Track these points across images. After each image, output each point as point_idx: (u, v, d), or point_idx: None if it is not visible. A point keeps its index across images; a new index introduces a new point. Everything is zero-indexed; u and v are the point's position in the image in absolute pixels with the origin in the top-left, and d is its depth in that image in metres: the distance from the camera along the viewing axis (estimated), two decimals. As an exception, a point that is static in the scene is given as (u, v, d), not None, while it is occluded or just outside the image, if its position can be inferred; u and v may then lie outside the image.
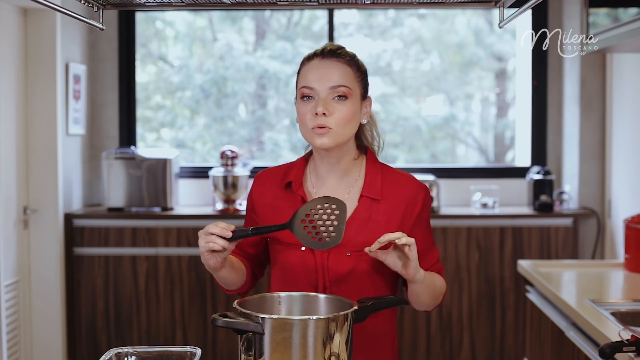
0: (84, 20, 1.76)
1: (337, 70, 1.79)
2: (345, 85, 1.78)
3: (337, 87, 1.77)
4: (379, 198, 1.83)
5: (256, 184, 1.95)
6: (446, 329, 4.13)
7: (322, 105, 1.76)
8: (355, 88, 1.80)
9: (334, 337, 1.54)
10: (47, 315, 4.02)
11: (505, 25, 1.79)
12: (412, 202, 1.84)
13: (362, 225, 1.81)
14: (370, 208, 1.82)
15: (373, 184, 1.84)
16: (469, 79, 5.35)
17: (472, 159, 5.57)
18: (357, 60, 1.85)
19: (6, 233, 3.71)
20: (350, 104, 1.78)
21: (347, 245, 1.78)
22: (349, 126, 1.79)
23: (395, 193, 1.84)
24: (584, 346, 2.32)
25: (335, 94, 1.77)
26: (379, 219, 1.82)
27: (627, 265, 3.05)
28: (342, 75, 1.79)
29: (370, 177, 1.86)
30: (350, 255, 1.79)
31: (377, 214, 1.82)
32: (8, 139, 3.76)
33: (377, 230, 1.79)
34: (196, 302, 4.13)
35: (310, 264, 1.81)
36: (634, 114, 3.73)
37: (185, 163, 4.76)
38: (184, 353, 1.63)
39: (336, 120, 1.76)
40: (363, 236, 1.79)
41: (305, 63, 1.84)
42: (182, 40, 5.23)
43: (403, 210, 1.83)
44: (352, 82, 1.80)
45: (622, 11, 2.72)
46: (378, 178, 1.86)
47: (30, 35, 3.97)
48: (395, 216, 1.82)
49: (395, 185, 1.86)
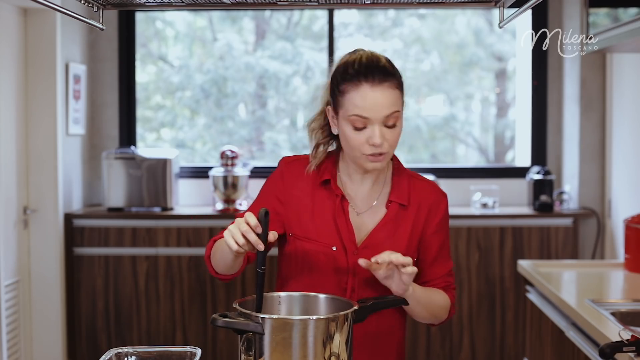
0: (84, 20, 1.76)
1: (389, 97, 1.73)
2: (397, 111, 1.74)
3: (391, 115, 1.73)
4: (406, 204, 1.84)
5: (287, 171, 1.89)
6: (446, 329, 4.13)
7: (379, 136, 1.72)
8: (401, 107, 1.77)
9: (334, 337, 1.54)
10: (47, 315, 4.02)
11: (505, 25, 1.79)
12: (434, 210, 1.86)
13: (392, 231, 1.82)
14: (398, 213, 1.84)
15: (400, 189, 1.85)
16: (469, 79, 5.35)
17: (472, 159, 5.57)
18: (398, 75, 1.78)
19: (6, 233, 3.71)
20: (399, 125, 1.77)
21: (377, 250, 1.76)
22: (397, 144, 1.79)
23: (419, 199, 1.86)
24: (584, 346, 2.32)
25: (388, 121, 1.73)
26: (406, 225, 1.83)
27: (627, 265, 3.05)
28: (394, 102, 1.73)
29: (397, 183, 1.86)
30: None
31: (404, 220, 1.84)
32: (8, 139, 3.76)
33: (404, 236, 1.82)
34: (196, 302, 4.13)
35: (342, 266, 1.81)
36: (634, 114, 3.73)
37: (185, 163, 4.76)
38: (184, 353, 1.63)
39: (390, 145, 1.75)
40: (392, 242, 1.81)
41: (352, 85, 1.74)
42: (182, 40, 5.23)
43: (425, 217, 1.85)
44: (400, 103, 1.76)
45: (622, 11, 2.71)
46: (405, 183, 1.86)
47: (30, 35, 3.97)
48: (419, 222, 1.85)
49: (420, 191, 1.87)
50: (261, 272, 1.58)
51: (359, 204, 1.85)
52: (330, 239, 1.81)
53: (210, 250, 1.83)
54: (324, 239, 1.81)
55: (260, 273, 1.58)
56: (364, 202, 1.86)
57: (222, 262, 1.77)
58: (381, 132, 1.73)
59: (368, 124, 1.73)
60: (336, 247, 1.81)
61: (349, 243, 1.81)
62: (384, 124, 1.73)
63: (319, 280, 1.82)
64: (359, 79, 1.72)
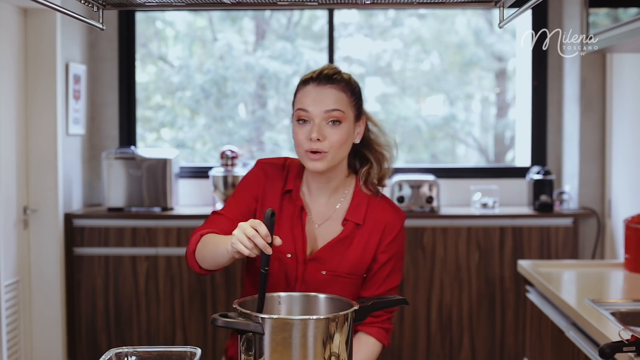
0: (84, 20, 1.76)
1: (331, 95, 1.86)
2: (339, 110, 1.85)
3: (331, 112, 1.85)
4: (361, 222, 1.94)
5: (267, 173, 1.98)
6: (446, 329, 4.13)
7: (316, 130, 1.84)
8: (348, 112, 1.88)
9: (333, 337, 1.54)
10: (47, 315, 4.02)
11: (505, 25, 1.79)
12: (388, 230, 1.95)
13: (343, 249, 1.92)
14: (353, 232, 1.93)
15: (358, 208, 1.95)
16: (469, 79, 5.35)
17: (472, 159, 5.57)
18: (351, 83, 1.92)
19: (6, 233, 3.71)
20: (344, 128, 1.86)
21: (324, 264, 1.91)
22: (342, 149, 1.88)
23: (375, 217, 1.95)
24: (584, 346, 2.32)
25: (330, 118, 1.85)
26: (358, 243, 1.93)
27: (627, 265, 3.05)
28: (336, 100, 1.86)
29: (356, 201, 1.96)
30: (325, 274, 1.91)
31: (357, 238, 1.93)
32: (8, 139, 3.76)
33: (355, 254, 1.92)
34: (196, 302, 4.13)
35: (292, 273, 1.91)
36: (634, 114, 3.73)
37: (185, 163, 4.76)
38: (184, 353, 1.63)
39: (330, 144, 1.85)
40: (340, 259, 1.91)
41: (301, 87, 1.90)
42: (182, 40, 5.23)
43: (379, 237, 1.94)
44: (345, 106, 1.87)
45: (622, 11, 2.71)
46: (364, 203, 1.95)
47: (30, 35, 3.97)
48: (372, 241, 1.94)
49: (377, 211, 1.96)
50: (264, 272, 1.59)
51: (315, 216, 1.95)
52: (286, 246, 1.91)
53: (196, 245, 1.84)
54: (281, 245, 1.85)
55: (264, 274, 1.59)
56: (320, 215, 1.95)
57: (213, 259, 1.79)
58: (320, 127, 1.84)
59: (310, 118, 1.85)
60: (290, 254, 1.91)
61: (300, 253, 1.91)
62: (325, 121, 1.85)
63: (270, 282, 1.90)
64: (308, 81, 1.89)
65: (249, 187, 1.97)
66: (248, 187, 1.97)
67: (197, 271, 1.86)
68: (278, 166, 1.99)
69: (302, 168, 1.98)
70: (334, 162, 1.88)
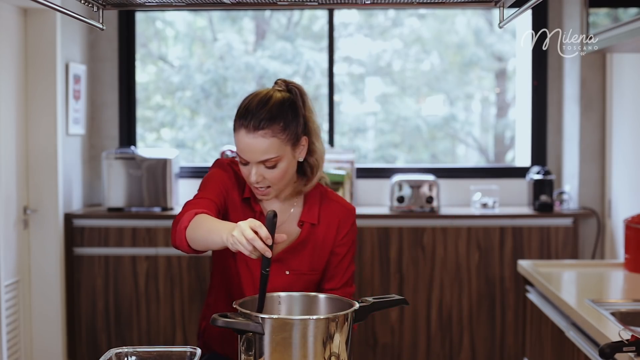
0: (84, 20, 1.76)
1: (262, 145, 1.89)
2: (271, 158, 1.90)
3: (265, 161, 1.90)
4: (316, 222, 2.03)
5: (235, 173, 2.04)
6: (446, 329, 4.13)
7: (255, 174, 1.91)
8: (283, 150, 1.92)
9: (333, 337, 1.54)
10: (47, 315, 4.02)
11: (505, 25, 1.79)
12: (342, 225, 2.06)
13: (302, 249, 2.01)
14: (310, 232, 2.03)
15: (312, 209, 2.04)
16: (469, 79, 5.35)
17: (472, 159, 5.57)
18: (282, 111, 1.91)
19: (6, 233, 3.71)
20: (281, 166, 1.93)
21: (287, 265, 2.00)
22: (285, 179, 1.96)
23: (329, 216, 2.05)
24: (584, 346, 2.32)
25: (266, 163, 1.91)
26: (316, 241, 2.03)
27: (627, 265, 3.05)
28: (267, 148, 1.89)
29: (309, 202, 2.05)
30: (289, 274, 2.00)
31: (315, 237, 2.03)
32: (8, 139, 3.76)
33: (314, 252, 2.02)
34: (196, 302, 4.13)
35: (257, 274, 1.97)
36: (634, 114, 3.73)
37: (185, 163, 4.76)
38: (184, 353, 1.63)
39: (271, 181, 1.93)
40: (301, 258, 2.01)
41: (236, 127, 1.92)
42: (182, 40, 5.23)
43: (335, 233, 2.05)
44: (279, 148, 1.91)
45: (622, 11, 2.71)
46: (317, 203, 2.05)
47: (30, 35, 3.97)
48: (329, 237, 2.04)
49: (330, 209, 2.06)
50: (265, 273, 1.59)
51: None
52: None
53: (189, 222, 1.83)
54: None
55: (265, 275, 1.59)
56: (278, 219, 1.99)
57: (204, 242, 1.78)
58: (258, 171, 1.92)
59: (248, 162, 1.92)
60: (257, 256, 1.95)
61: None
62: (263, 165, 1.91)
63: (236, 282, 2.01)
64: (240, 122, 1.92)
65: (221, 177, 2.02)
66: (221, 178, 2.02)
67: (185, 250, 1.84)
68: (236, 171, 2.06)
69: None
70: (279, 191, 1.99)
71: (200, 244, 1.79)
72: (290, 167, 1.96)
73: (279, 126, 1.91)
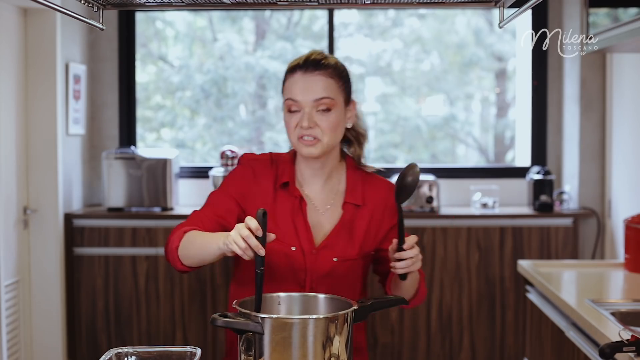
0: (84, 20, 1.76)
1: (319, 83, 1.86)
2: (328, 97, 1.85)
3: (320, 100, 1.85)
4: (360, 204, 1.94)
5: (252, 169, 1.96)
6: (446, 329, 4.13)
7: (307, 119, 1.84)
8: (338, 97, 1.88)
9: (333, 337, 1.54)
10: (47, 315, 4.02)
11: (505, 25, 1.79)
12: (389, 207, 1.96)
13: (347, 232, 1.92)
14: (354, 214, 1.94)
15: (355, 190, 1.95)
16: (469, 79, 5.35)
17: (472, 159, 5.57)
18: (339, 68, 1.92)
19: (6, 233, 3.71)
20: (334, 114, 1.87)
21: (334, 250, 1.91)
22: (334, 134, 1.88)
23: (374, 197, 1.96)
24: (584, 346, 2.32)
25: (319, 106, 1.85)
26: (362, 224, 1.94)
27: (627, 265, 3.05)
28: (324, 87, 1.86)
29: (351, 183, 1.96)
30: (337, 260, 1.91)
31: (359, 219, 1.94)
32: (8, 139, 3.76)
33: (359, 235, 1.93)
34: (196, 302, 4.13)
35: (299, 265, 1.89)
36: (634, 114, 3.73)
37: (185, 163, 4.76)
38: (184, 353, 1.63)
39: (322, 130, 1.85)
40: (348, 242, 1.92)
41: (289, 75, 1.90)
42: (182, 40, 5.23)
43: (381, 215, 1.96)
44: (334, 92, 1.87)
45: (622, 11, 2.71)
46: (359, 184, 1.96)
47: (30, 35, 3.97)
48: (375, 220, 1.95)
49: (374, 189, 1.97)
50: (260, 272, 1.59)
51: (316, 204, 1.95)
52: (289, 239, 1.90)
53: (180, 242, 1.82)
54: (284, 238, 1.88)
55: (259, 274, 1.59)
56: (321, 202, 1.95)
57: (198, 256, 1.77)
58: (310, 115, 1.85)
59: (299, 107, 1.85)
60: (295, 247, 1.90)
61: (306, 243, 1.90)
62: (315, 108, 1.84)
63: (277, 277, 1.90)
64: (295, 69, 1.89)
65: (234, 184, 1.95)
66: (234, 185, 1.95)
67: (179, 268, 1.83)
68: (265, 161, 1.97)
69: (292, 159, 1.98)
70: (327, 148, 1.88)
71: (193, 259, 1.79)
72: (341, 123, 1.90)
73: (336, 71, 1.89)
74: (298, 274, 1.90)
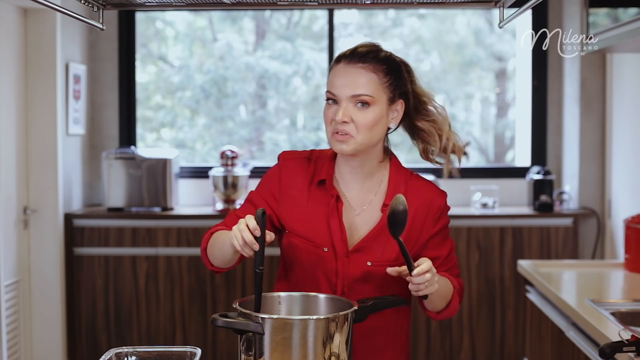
0: (84, 20, 1.76)
1: (360, 77, 1.75)
2: (366, 94, 1.74)
3: (359, 96, 1.74)
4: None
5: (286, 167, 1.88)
6: (446, 329, 4.13)
7: (342, 112, 1.74)
8: (380, 94, 1.76)
9: (334, 337, 1.54)
10: (47, 315, 4.02)
11: (505, 25, 1.79)
12: (433, 210, 1.84)
13: (385, 237, 1.79)
14: None
15: (397, 192, 1.81)
16: (469, 79, 5.35)
17: (472, 159, 5.57)
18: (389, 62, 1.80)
19: (6, 233, 3.71)
20: (373, 111, 1.75)
21: (368, 255, 1.80)
22: (370, 133, 1.76)
23: (416, 201, 1.83)
24: (584, 346, 2.32)
25: (357, 101, 1.74)
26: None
27: (627, 265, 3.05)
28: (365, 83, 1.75)
29: (393, 185, 1.84)
30: (371, 265, 1.80)
31: None
32: (8, 139, 3.76)
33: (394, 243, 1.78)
34: (196, 302, 4.13)
35: (331, 267, 1.80)
36: (634, 114, 3.73)
37: (185, 163, 4.76)
38: (184, 353, 1.62)
39: (357, 127, 1.74)
40: (384, 247, 1.80)
41: (334, 65, 1.80)
42: (182, 40, 5.23)
43: (423, 219, 1.83)
44: (375, 89, 1.75)
45: (622, 11, 2.71)
46: (402, 185, 1.84)
47: (30, 35, 3.97)
48: (416, 224, 1.83)
49: (417, 193, 1.84)
50: (259, 272, 1.58)
51: (353, 205, 1.84)
52: (322, 239, 1.81)
53: (207, 243, 1.82)
54: (316, 239, 1.81)
55: (258, 273, 1.58)
56: (358, 203, 1.84)
57: (220, 255, 1.76)
58: (346, 110, 1.74)
59: (338, 99, 1.76)
60: (327, 248, 1.80)
61: (339, 245, 1.80)
62: (352, 103, 1.75)
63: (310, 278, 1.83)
64: (340, 59, 1.80)
65: (266, 184, 1.88)
66: (266, 185, 1.88)
67: (210, 268, 1.82)
68: (302, 159, 1.88)
69: (333, 157, 1.88)
70: (361, 147, 1.76)
71: (218, 259, 1.77)
72: (380, 122, 1.76)
73: (381, 67, 1.77)
74: (330, 276, 1.80)
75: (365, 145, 1.77)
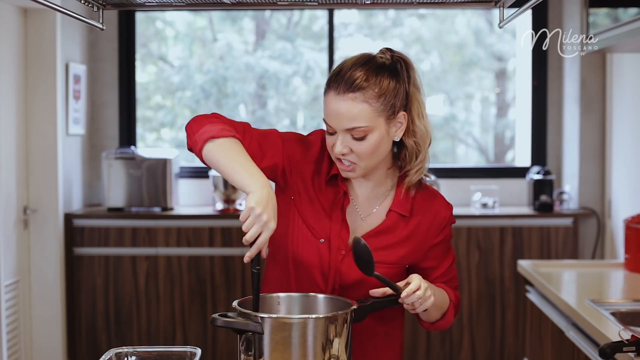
0: (84, 20, 1.76)
1: (351, 109, 1.67)
2: (360, 126, 1.68)
3: (352, 130, 1.68)
4: (407, 215, 1.80)
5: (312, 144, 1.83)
6: (446, 329, 4.13)
7: (340, 145, 1.69)
8: (375, 121, 1.69)
9: (333, 337, 1.54)
10: (47, 315, 4.02)
11: (505, 25, 1.79)
12: (437, 222, 1.84)
13: (384, 240, 1.79)
14: (397, 224, 1.80)
15: (405, 199, 1.80)
16: (469, 79, 5.35)
17: (472, 159, 5.57)
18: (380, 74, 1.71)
19: (6, 233, 3.71)
20: (370, 140, 1.69)
21: None
22: (374, 157, 1.72)
23: (422, 210, 1.82)
24: (584, 346, 2.32)
25: (353, 133, 1.69)
26: (401, 235, 1.80)
27: (627, 265, 3.05)
28: (356, 115, 1.67)
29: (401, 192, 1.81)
30: None
31: (400, 230, 1.80)
32: (8, 139, 3.76)
33: (396, 246, 1.79)
34: (196, 302, 4.13)
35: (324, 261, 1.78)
36: (634, 114, 3.73)
37: (185, 163, 4.76)
38: (184, 353, 1.63)
39: (358, 156, 1.71)
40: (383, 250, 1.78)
41: (326, 90, 1.73)
42: (182, 40, 5.23)
43: (427, 229, 1.82)
44: (369, 117, 1.68)
45: (622, 11, 2.71)
46: (410, 194, 1.81)
47: (30, 35, 3.97)
48: (419, 232, 1.82)
49: (424, 202, 1.83)
50: (256, 272, 1.58)
51: (360, 209, 1.83)
52: (321, 230, 1.79)
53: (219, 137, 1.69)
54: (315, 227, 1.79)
55: (255, 273, 1.58)
56: (365, 208, 1.83)
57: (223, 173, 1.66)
58: (344, 141, 1.69)
59: (334, 131, 1.71)
60: (324, 240, 1.79)
61: (336, 239, 1.78)
62: (350, 135, 1.69)
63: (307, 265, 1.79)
64: (330, 86, 1.71)
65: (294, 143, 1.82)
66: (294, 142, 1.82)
67: (198, 156, 1.73)
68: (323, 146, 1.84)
69: None
70: (368, 170, 1.75)
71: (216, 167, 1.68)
72: (383, 143, 1.71)
73: (373, 92, 1.67)
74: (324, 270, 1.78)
75: (371, 167, 1.75)
